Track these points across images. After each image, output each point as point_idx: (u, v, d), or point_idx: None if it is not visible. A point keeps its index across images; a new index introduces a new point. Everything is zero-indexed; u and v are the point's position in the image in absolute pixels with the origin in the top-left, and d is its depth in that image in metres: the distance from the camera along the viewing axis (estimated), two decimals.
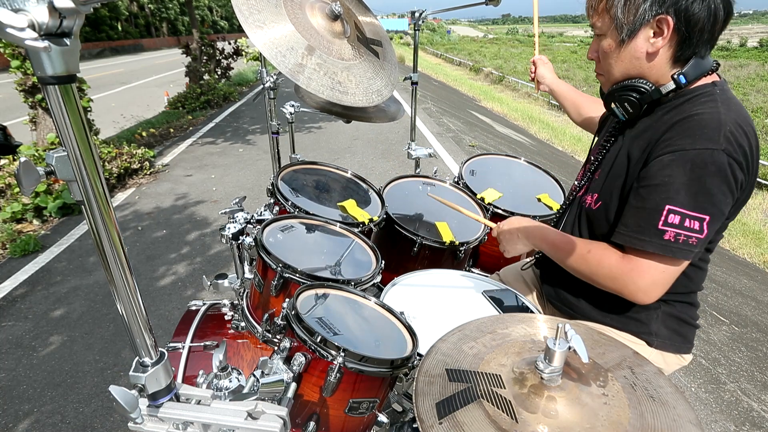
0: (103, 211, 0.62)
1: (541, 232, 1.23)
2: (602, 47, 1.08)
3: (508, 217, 1.34)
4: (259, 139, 7.60)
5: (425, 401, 0.71)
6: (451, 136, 7.91)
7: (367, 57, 1.17)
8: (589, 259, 1.11)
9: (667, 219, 0.96)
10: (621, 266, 1.04)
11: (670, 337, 1.19)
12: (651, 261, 1.00)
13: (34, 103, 5.23)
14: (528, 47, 49.20)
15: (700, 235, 0.96)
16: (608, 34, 1.05)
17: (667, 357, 1.21)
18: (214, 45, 11.89)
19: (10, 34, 0.44)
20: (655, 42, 1.00)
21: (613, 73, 1.10)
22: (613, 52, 1.06)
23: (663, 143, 0.99)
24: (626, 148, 1.11)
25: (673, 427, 0.68)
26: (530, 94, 18.47)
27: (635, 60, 1.04)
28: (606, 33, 1.06)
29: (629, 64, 1.06)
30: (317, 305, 1.13)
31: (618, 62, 1.07)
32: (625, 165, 1.09)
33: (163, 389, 0.77)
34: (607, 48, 1.07)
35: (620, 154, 1.13)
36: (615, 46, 1.05)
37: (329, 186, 1.84)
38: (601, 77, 1.16)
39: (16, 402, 2.33)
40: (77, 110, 0.55)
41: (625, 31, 1.01)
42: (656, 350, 1.20)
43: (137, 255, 3.79)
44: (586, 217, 1.22)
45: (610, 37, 1.05)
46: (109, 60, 28.15)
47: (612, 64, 1.08)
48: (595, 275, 1.10)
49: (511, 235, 1.27)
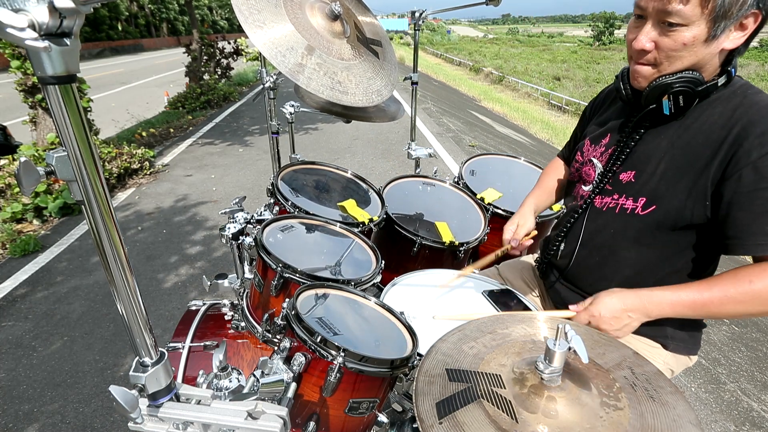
0: (103, 211, 0.62)
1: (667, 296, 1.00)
2: (680, 39, 0.94)
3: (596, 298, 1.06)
4: (259, 139, 7.60)
5: (425, 401, 0.71)
6: (451, 136, 7.91)
7: (367, 57, 1.17)
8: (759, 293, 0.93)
9: None
10: None
11: (684, 339, 1.17)
12: None
13: (34, 103, 5.23)
14: (528, 47, 49.23)
15: None
16: (694, 25, 0.92)
17: (680, 359, 1.19)
18: (214, 45, 11.89)
19: (11, 34, 0.44)
20: (736, 38, 0.94)
21: (676, 66, 0.99)
22: (695, 45, 0.95)
23: (758, 138, 0.92)
24: (678, 144, 1.03)
25: (673, 427, 0.68)
26: (530, 94, 18.48)
27: (709, 55, 0.97)
28: (692, 23, 0.92)
29: (701, 59, 0.97)
30: (317, 305, 1.13)
31: (693, 56, 0.97)
32: (688, 163, 1.01)
33: (163, 389, 0.77)
34: (690, 40, 0.94)
35: (669, 153, 1.04)
36: (701, 40, 0.94)
37: (329, 186, 1.84)
38: (647, 68, 1.03)
39: (16, 402, 2.33)
40: (77, 110, 0.55)
41: (722, 26, 0.92)
42: (671, 353, 1.18)
43: (137, 255, 3.78)
44: (628, 224, 1.10)
45: (697, 29, 0.93)
46: (109, 60, 28.14)
47: (684, 57, 0.97)
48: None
49: (618, 320, 1.02)
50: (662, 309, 1.00)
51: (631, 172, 1.11)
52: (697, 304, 0.98)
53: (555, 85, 21.25)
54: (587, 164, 1.24)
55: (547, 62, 30.93)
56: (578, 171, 1.27)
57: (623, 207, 1.11)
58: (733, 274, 0.97)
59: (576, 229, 1.23)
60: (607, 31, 55.60)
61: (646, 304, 1.00)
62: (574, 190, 1.29)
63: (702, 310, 0.99)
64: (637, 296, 1.02)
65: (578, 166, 1.27)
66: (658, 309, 1.00)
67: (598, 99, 1.35)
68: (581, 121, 1.40)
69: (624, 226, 1.11)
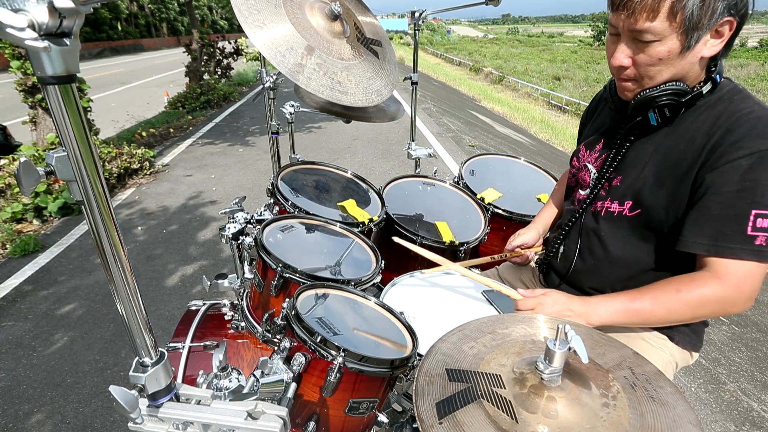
0: (103, 211, 0.62)
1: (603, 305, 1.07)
2: (655, 54, 0.95)
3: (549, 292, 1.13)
4: (259, 139, 7.60)
5: (425, 401, 0.71)
6: (451, 136, 7.91)
7: (367, 57, 1.17)
8: (686, 301, 1.00)
9: (755, 224, 0.92)
10: (725, 287, 0.96)
11: (688, 333, 1.19)
12: (748, 270, 0.95)
13: (34, 103, 5.23)
14: (528, 47, 49.21)
15: None
16: (667, 39, 0.93)
17: (683, 353, 1.21)
18: (214, 45, 11.89)
19: (10, 34, 0.44)
20: (714, 45, 0.94)
21: (657, 80, 1.00)
22: (671, 58, 0.95)
23: (730, 146, 0.94)
24: (660, 150, 1.06)
25: (673, 427, 0.68)
26: (530, 94, 18.48)
27: (688, 65, 0.97)
28: (663, 38, 0.93)
29: (680, 69, 0.98)
30: (317, 305, 1.13)
31: (671, 68, 0.97)
32: (668, 168, 1.03)
33: (163, 389, 0.77)
34: (665, 54, 0.95)
35: (656, 160, 1.06)
36: (676, 53, 0.94)
37: (329, 186, 1.84)
38: (630, 83, 1.04)
39: (16, 402, 2.33)
40: (77, 110, 0.55)
41: (695, 36, 0.92)
42: (677, 346, 1.20)
43: (137, 255, 3.78)
44: (618, 226, 1.13)
45: (670, 43, 0.93)
46: (109, 60, 28.14)
47: (662, 71, 0.98)
48: (699, 311, 1.01)
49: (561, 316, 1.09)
50: (601, 317, 1.06)
51: (619, 177, 1.14)
52: (629, 313, 1.05)
53: (555, 85, 21.26)
54: (583, 169, 1.26)
55: (547, 62, 30.93)
56: (575, 176, 1.30)
57: (610, 210, 1.14)
58: (664, 283, 1.03)
59: (574, 233, 1.26)
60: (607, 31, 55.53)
61: (589, 312, 1.07)
62: (572, 195, 1.32)
63: (636, 318, 1.05)
64: (582, 303, 1.09)
65: (575, 172, 1.30)
66: (597, 317, 1.07)
67: (592, 105, 1.38)
68: (580, 128, 1.44)
69: (613, 228, 1.15)
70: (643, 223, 1.08)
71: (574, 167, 1.30)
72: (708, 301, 0.99)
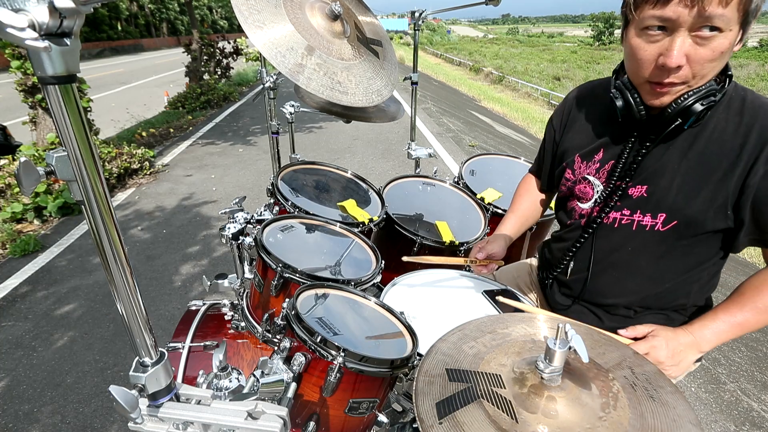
0: (103, 211, 0.62)
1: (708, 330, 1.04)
2: (719, 46, 0.86)
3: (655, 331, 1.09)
4: (259, 139, 7.60)
5: (425, 401, 0.71)
6: (451, 136, 7.91)
7: (367, 57, 1.16)
8: None
9: None
10: None
11: None
12: None
13: (34, 103, 5.23)
14: (528, 47, 49.19)
15: None
16: (731, 30, 0.85)
17: None
18: (214, 45, 11.89)
19: (11, 34, 0.44)
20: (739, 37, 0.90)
21: (708, 78, 0.92)
22: (728, 52, 0.89)
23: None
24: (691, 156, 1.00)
25: (673, 427, 0.68)
26: (530, 94, 18.49)
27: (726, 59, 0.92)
28: (726, 29, 0.85)
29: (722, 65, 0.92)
30: (317, 305, 1.13)
31: (721, 64, 0.91)
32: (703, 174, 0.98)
33: (163, 389, 0.77)
34: (727, 47, 0.87)
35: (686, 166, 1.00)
36: (730, 45, 0.87)
37: (329, 186, 1.84)
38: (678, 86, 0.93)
39: (16, 402, 2.33)
40: (77, 110, 0.55)
41: (746, 30, 0.88)
42: None
43: (137, 255, 3.78)
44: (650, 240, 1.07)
45: (732, 35, 0.86)
46: (109, 60, 28.13)
47: (715, 68, 0.91)
48: None
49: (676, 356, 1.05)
50: (710, 342, 1.05)
51: (642, 187, 1.06)
52: (735, 328, 1.03)
53: (555, 85, 21.26)
54: (581, 182, 1.18)
55: (547, 62, 30.93)
56: (570, 189, 1.22)
57: (641, 224, 1.07)
58: (755, 287, 1.02)
59: (586, 248, 1.19)
60: (607, 31, 55.60)
61: (699, 341, 1.04)
62: (568, 206, 1.25)
63: (742, 331, 1.03)
64: (687, 334, 1.06)
65: (570, 185, 1.22)
66: (707, 343, 1.05)
67: (567, 109, 1.26)
68: (548, 136, 1.33)
69: (644, 242, 1.08)
70: (679, 234, 1.03)
71: (569, 180, 1.22)
72: None
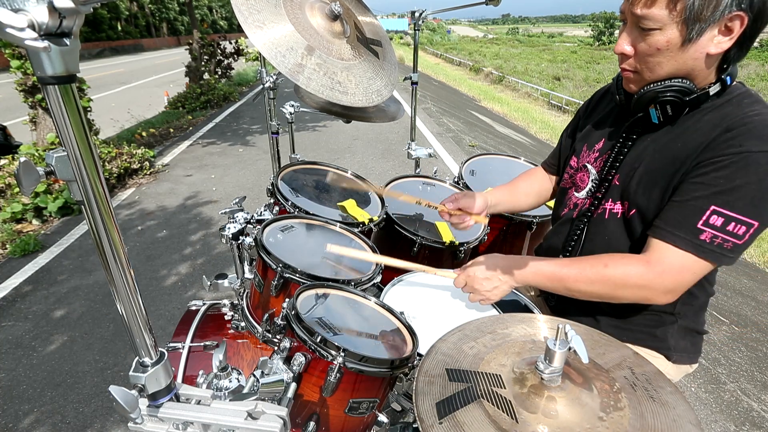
0: (103, 211, 0.62)
1: (531, 265, 1.09)
2: (654, 43, 0.93)
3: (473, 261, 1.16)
4: (259, 139, 7.60)
5: (425, 401, 0.71)
6: (451, 136, 7.91)
7: (367, 57, 1.16)
8: (609, 277, 1.00)
9: (708, 219, 0.90)
10: (649, 272, 0.97)
11: (686, 349, 1.17)
12: (680, 261, 0.94)
13: (34, 103, 5.23)
14: (528, 47, 49.20)
15: (739, 240, 0.90)
16: (667, 28, 0.90)
17: (681, 368, 1.19)
18: (214, 45, 11.89)
19: (10, 34, 0.44)
20: (721, 42, 0.90)
21: (658, 72, 0.97)
22: (671, 50, 0.92)
23: (721, 144, 0.92)
24: (657, 148, 1.02)
25: (673, 427, 0.68)
26: (530, 94, 18.48)
27: (692, 60, 0.93)
28: (664, 27, 0.90)
29: (683, 64, 0.94)
30: (317, 305, 1.13)
31: (671, 61, 0.94)
32: (662, 166, 1.00)
33: (163, 389, 0.77)
34: (664, 44, 0.92)
35: (652, 158, 1.03)
36: (676, 44, 0.91)
37: (329, 186, 1.84)
38: (632, 74, 1.01)
39: (16, 402, 2.33)
40: (77, 110, 0.55)
41: (696, 29, 0.88)
42: (674, 364, 1.17)
43: (137, 255, 3.78)
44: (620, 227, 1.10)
45: (670, 33, 0.90)
46: (109, 60, 28.13)
47: (662, 63, 0.95)
48: (619, 291, 1.01)
49: (488, 280, 1.12)
50: (525, 276, 1.10)
51: (617, 177, 1.10)
52: (555, 277, 1.07)
53: (555, 85, 21.25)
54: (581, 170, 1.21)
55: (547, 62, 30.92)
56: (572, 177, 1.24)
57: (612, 211, 1.11)
58: (596, 257, 1.05)
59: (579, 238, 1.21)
60: (607, 31, 55.57)
61: (513, 268, 1.10)
62: (564, 198, 1.26)
63: (558, 284, 1.07)
64: (505, 260, 1.13)
65: (572, 172, 1.24)
66: (522, 275, 1.10)
67: (592, 101, 1.32)
68: (572, 124, 1.36)
69: (616, 229, 1.11)
70: (641, 223, 1.05)
71: (572, 167, 1.24)
72: (629, 282, 0.99)
